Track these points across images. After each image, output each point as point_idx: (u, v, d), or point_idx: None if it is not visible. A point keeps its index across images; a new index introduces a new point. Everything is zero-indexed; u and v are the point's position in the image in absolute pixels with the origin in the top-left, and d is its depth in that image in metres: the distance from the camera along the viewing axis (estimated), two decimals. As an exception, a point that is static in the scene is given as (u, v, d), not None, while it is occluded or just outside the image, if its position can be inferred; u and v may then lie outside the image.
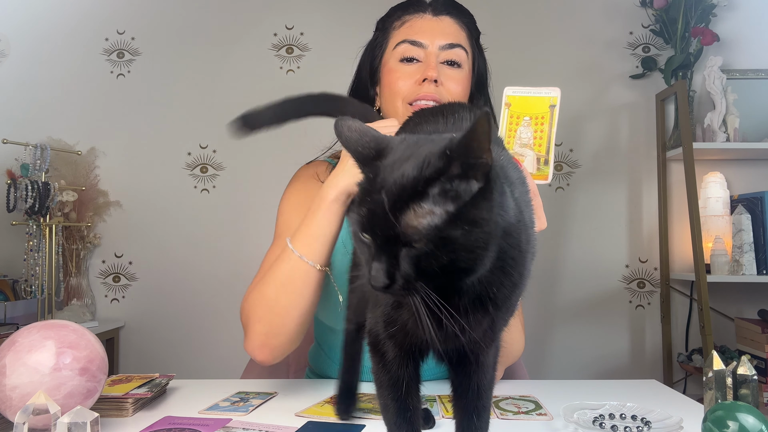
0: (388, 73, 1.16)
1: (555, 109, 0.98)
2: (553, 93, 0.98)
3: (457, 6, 1.20)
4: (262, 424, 0.88)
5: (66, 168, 2.33)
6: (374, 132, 0.59)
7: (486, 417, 0.66)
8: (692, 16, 2.31)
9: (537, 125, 0.97)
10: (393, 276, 0.52)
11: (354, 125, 0.59)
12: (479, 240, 0.51)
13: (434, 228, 0.50)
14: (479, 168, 0.51)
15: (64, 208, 2.25)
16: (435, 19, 1.16)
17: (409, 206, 0.51)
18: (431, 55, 1.13)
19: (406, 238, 0.51)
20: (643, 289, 2.48)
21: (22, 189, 2.07)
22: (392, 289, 0.52)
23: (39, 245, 2.14)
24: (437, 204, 0.51)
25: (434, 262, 0.51)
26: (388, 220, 0.51)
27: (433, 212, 0.51)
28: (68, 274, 2.31)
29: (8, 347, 0.79)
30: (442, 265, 0.51)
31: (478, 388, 0.65)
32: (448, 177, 0.51)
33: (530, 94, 0.98)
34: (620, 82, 2.50)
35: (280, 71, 2.52)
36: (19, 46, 2.50)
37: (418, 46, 1.14)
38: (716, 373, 0.74)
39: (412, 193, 0.51)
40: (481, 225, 0.51)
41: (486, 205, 0.52)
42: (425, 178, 0.51)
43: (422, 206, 0.51)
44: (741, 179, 2.44)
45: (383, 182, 0.53)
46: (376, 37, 1.23)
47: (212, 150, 2.51)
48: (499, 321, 0.61)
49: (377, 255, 0.53)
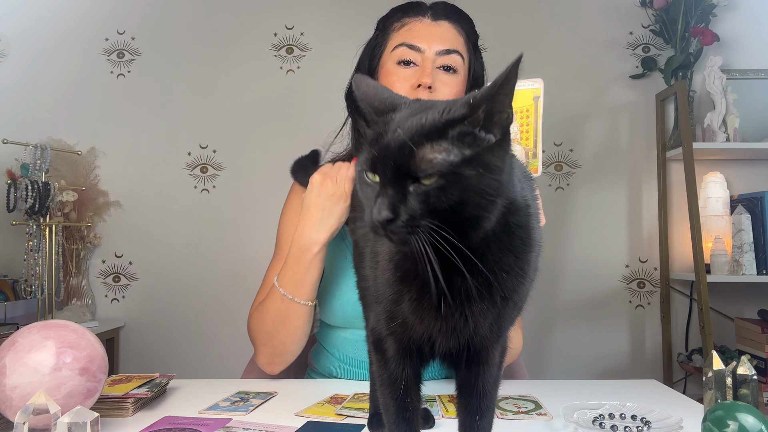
0: (386, 74, 1.18)
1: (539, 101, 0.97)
2: (536, 84, 0.97)
3: (456, 11, 1.21)
4: (262, 424, 0.88)
5: (66, 168, 2.33)
6: (389, 91, 0.59)
7: (489, 417, 0.66)
8: (692, 16, 2.31)
9: (522, 119, 0.97)
10: (397, 210, 0.50)
11: (372, 83, 0.60)
12: (491, 185, 0.52)
13: (449, 164, 0.50)
14: (500, 120, 0.52)
15: (64, 208, 2.25)
16: (434, 24, 1.18)
17: (426, 143, 0.51)
18: (428, 60, 1.14)
19: (420, 172, 0.50)
20: (643, 289, 2.48)
21: (22, 189, 2.07)
22: (394, 224, 0.51)
23: (39, 245, 2.14)
24: (455, 145, 0.51)
25: (444, 200, 0.50)
26: (403, 151, 0.50)
27: (450, 150, 0.51)
28: (68, 274, 2.31)
29: (8, 347, 0.79)
30: (451, 204, 0.50)
31: (483, 388, 0.65)
32: (471, 122, 0.52)
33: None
34: (620, 82, 2.50)
35: (280, 71, 2.52)
36: (19, 46, 2.50)
37: (415, 50, 1.15)
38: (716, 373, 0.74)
39: (431, 131, 0.51)
40: (494, 171, 0.52)
41: (501, 155, 0.53)
42: (447, 119, 0.51)
43: (440, 143, 0.51)
44: (741, 179, 2.44)
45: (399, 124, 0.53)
46: (375, 37, 1.24)
47: (212, 150, 2.51)
48: (505, 316, 0.61)
49: (383, 190, 0.52)
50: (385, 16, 1.24)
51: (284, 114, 2.48)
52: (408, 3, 1.22)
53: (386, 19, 1.23)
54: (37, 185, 2.09)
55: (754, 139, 2.32)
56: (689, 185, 2.14)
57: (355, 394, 1.05)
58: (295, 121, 2.47)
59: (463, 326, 0.59)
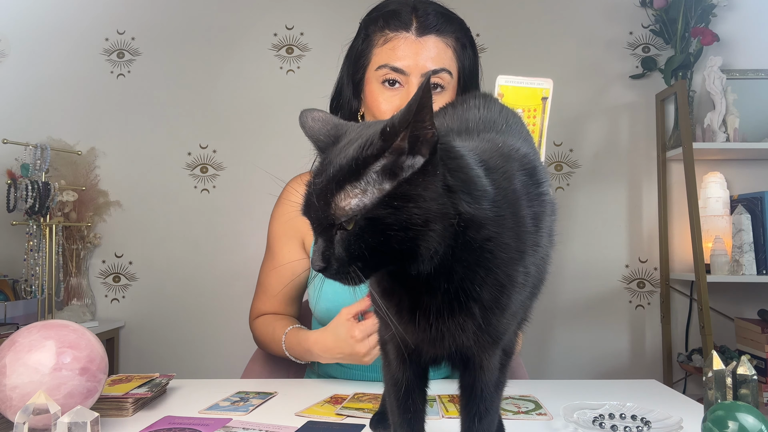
0: (370, 93, 1.16)
1: (547, 102, 0.97)
2: (545, 85, 0.96)
3: (443, 18, 1.15)
4: (262, 424, 0.88)
5: (66, 168, 2.33)
6: (337, 120, 0.59)
7: (490, 420, 0.65)
8: (692, 16, 2.31)
9: (529, 118, 0.97)
10: (328, 259, 0.52)
11: (318, 115, 0.59)
12: (415, 217, 0.50)
13: (364, 207, 0.50)
14: (425, 140, 0.50)
15: (64, 208, 2.25)
16: (418, 41, 1.11)
17: (343, 187, 0.50)
18: (412, 85, 1.11)
19: (336, 220, 0.50)
20: (643, 289, 2.48)
21: (22, 189, 2.07)
22: (328, 272, 0.52)
23: (39, 245, 2.14)
24: (372, 183, 0.50)
25: (365, 244, 0.50)
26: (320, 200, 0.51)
27: (365, 192, 0.50)
28: (68, 274, 2.31)
29: (8, 347, 0.79)
30: (372, 247, 0.50)
31: (482, 391, 0.63)
32: (393, 153, 0.50)
33: (523, 85, 0.96)
34: (620, 82, 2.50)
35: (280, 71, 2.52)
36: (19, 46, 2.50)
37: (399, 72, 1.12)
38: (716, 373, 0.74)
39: (348, 174, 0.51)
40: (416, 200, 0.50)
41: (424, 181, 0.51)
42: (363, 157, 0.51)
43: (356, 185, 0.50)
44: (741, 179, 2.44)
45: (328, 165, 0.52)
46: (359, 44, 1.19)
47: (212, 150, 2.51)
48: (493, 324, 0.59)
49: (315, 238, 0.53)
50: (367, 19, 1.19)
51: (284, 114, 2.48)
52: (390, 10, 1.15)
53: (368, 24, 1.18)
54: (37, 185, 2.09)
55: (754, 139, 2.32)
56: (689, 185, 2.14)
57: (355, 394, 1.05)
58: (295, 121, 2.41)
59: (441, 339, 0.59)
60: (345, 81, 1.23)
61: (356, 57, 1.19)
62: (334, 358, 1.11)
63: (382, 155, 0.51)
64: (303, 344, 1.16)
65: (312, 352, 1.14)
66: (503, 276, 0.57)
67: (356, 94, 1.21)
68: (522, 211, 0.59)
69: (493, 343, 0.62)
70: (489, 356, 0.63)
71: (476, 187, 0.54)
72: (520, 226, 0.58)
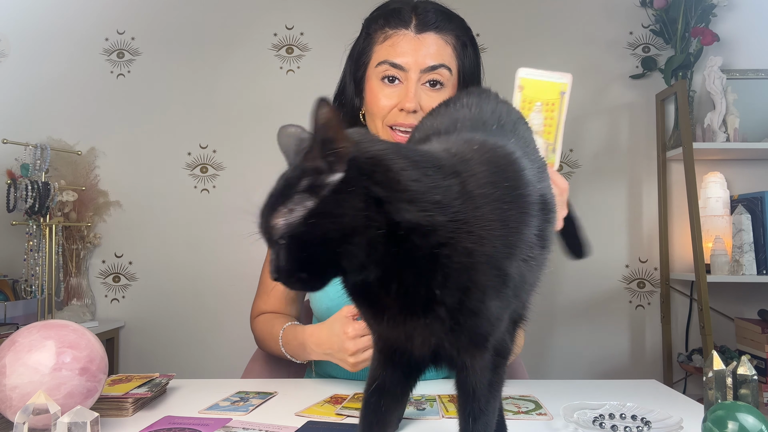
0: (370, 90, 1.18)
1: (565, 97, 0.97)
2: (564, 79, 0.96)
3: (442, 16, 1.16)
4: (262, 424, 0.88)
5: (66, 168, 2.33)
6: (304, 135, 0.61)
7: (485, 421, 0.64)
8: (692, 16, 2.31)
9: (548, 112, 0.97)
10: (278, 269, 0.56)
11: (292, 131, 0.62)
12: (329, 232, 0.53)
13: (288, 225, 0.53)
14: (338, 157, 0.53)
15: (64, 208, 2.25)
16: (417, 38, 1.13)
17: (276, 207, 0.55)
18: (411, 81, 1.13)
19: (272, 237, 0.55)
20: (643, 289, 2.48)
21: (22, 189, 2.07)
22: (281, 280, 0.56)
23: (39, 245, 2.14)
24: (299, 202, 0.54)
25: (294, 257, 0.54)
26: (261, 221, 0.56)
27: (292, 210, 0.54)
28: (68, 274, 2.31)
29: (8, 347, 0.79)
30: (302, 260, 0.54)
31: (473, 392, 0.63)
32: (312, 172, 0.54)
33: (543, 78, 0.97)
34: (620, 82, 2.50)
35: (280, 71, 2.52)
36: (19, 46, 2.50)
37: (398, 68, 1.13)
38: (716, 373, 0.74)
39: (279, 194, 0.55)
40: (331, 216, 0.53)
41: (340, 197, 0.53)
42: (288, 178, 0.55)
43: (286, 204, 0.54)
44: (741, 179, 2.44)
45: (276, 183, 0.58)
46: (360, 42, 1.22)
47: (212, 150, 2.51)
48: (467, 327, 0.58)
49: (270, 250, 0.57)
50: (369, 19, 1.21)
51: (284, 114, 2.46)
52: (391, 9, 1.17)
53: (370, 22, 1.20)
54: (37, 185, 2.09)
55: (754, 139, 2.32)
56: (689, 185, 2.14)
57: (355, 394, 1.05)
58: (295, 121, 2.44)
59: (411, 339, 0.60)
60: (347, 80, 1.25)
61: (358, 55, 1.22)
62: (325, 353, 1.10)
63: (303, 176, 0.54)
64: (299, 338, 1.15)
65: (306, 346, 1.13)
66: (467, 280, 0.56)
67: (358, 93, 1.23)
68: (490, 215, 0.57)
69: (475, 346, 0.61)
70: (473, 358, 0.61)
71: (417, 195, 0.54)
72: (489, 229, 0.57)
